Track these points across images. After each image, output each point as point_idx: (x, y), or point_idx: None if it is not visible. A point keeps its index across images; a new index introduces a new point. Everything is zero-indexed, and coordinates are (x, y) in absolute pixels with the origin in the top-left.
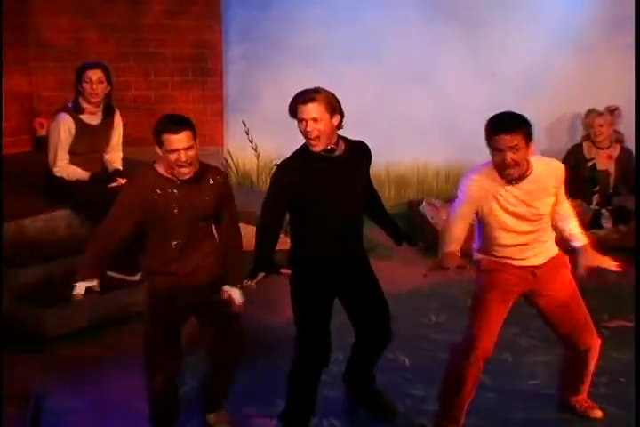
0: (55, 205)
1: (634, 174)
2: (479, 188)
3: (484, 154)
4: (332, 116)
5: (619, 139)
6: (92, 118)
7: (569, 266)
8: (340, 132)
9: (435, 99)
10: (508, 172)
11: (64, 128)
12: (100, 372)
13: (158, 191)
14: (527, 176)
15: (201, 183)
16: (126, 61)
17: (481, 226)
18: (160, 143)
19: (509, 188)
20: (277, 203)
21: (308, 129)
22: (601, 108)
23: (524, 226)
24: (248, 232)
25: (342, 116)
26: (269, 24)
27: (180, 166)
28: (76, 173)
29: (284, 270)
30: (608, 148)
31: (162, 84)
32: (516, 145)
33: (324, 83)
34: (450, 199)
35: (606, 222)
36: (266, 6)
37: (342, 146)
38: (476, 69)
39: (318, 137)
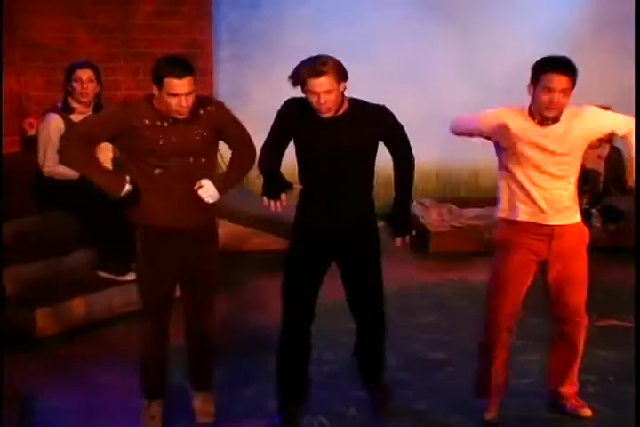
0: (45, 205)
1: (623, 174)
2: (510, 112)
3: (475, 154)
4: (339, 84)
5: (608, 139)
6: (82, 118)
7: (587, 241)
8: None
9: (426, 98)
10: (547, 113)
11: (53, 128)
12: (90, 371)
13: (146, 121)
14: (558, 121)
15: (191, 117)
16: (116, 61)
17: (505, 180)
18: (160, 86)
19: (538, 127)
20: (277, 129)
21: (322, 101)
22: None
23: (552, 168)
24: (237, 231)
25: (347, 79)
26: (260, 24)
27: (178, 112)
28: (66, 173)
29: (296, 185)
30: (597, 147)
31: (152, 83)
32: (566, 88)
33: None
34: (440, 199)
35: (596, 222)
36: (256, 6)
37: (345, 106)
38: (468, 69)
39: (330, 107)
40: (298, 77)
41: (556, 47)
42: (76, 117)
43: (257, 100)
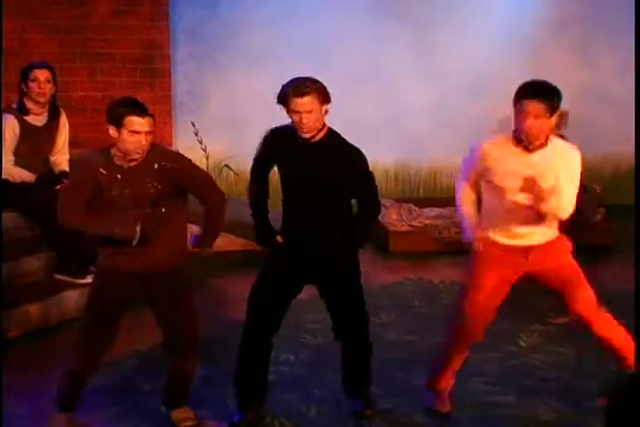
0: (1, 207)
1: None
2: (491, 145)
3: (433, 154)
4: (321, 106)
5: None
6: (38, 120)
7: (569, 251)
8: None
9: (383, 99)
10: (527, 138)
11: (8, 130)
12: (49, 376)
13: (102, 171)
14: (542, 148)
15: (145, 169)
16: (72, 62)
17: (486, 198)
18: (120, 124)
19: (521, 154)
20: (260, 156)
21: (304, 121)
22: None
23: (529, 195)
24: (196, 232)
25: (329, 102)
26: (217, 24)
27: (137, 151)
28: (22, 175)
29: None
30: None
31: (109, 84)
32: (540, 114)
33: (271, 83)
34: (399, 199)
35: None
36: (213, 6)
37: (323, 134)
38: (424, 70)
39: (310, 127)
40: (282, 97)
41: (515, 47)
42: (31, 119)
43: (215, 100)
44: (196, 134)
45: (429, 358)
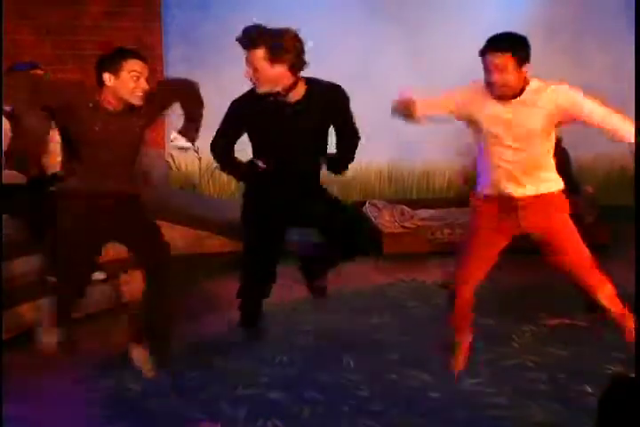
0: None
1: (570, 174)
2: (469, 91)
3: (426, 155)
4: (269, 63)
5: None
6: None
7: (566, 211)
8: None
9: (376, 100)
10: (498, 93)
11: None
12: (41, 378)
13: (90, 105)
14: (518, 96)
15: (133, 113)
16: (64, 63)
17: (481, 154)
18: (118, 69)
19: (498, 104)
20: (225, 128)
21: (246, 75)
22: None
23: (515, 143)
24: (190, 234)
25: (291, 61)
26: (210, 26)
27: (137, 93)
28: (12, 176)
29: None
30: None
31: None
32: (502, 65)
33: None
34: (392, 200)
35: None
36: (206, 8)
37: (301, 91)
38: (417, 71)
39: (258, 80)
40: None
41: None
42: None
43: (207, 101)
44: None
45: (423, 359)
